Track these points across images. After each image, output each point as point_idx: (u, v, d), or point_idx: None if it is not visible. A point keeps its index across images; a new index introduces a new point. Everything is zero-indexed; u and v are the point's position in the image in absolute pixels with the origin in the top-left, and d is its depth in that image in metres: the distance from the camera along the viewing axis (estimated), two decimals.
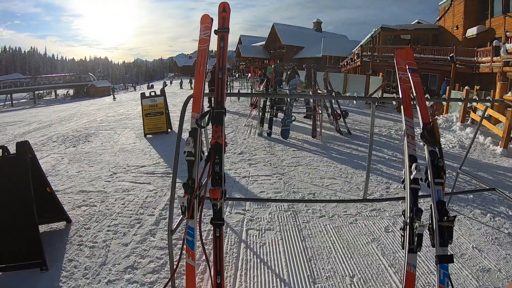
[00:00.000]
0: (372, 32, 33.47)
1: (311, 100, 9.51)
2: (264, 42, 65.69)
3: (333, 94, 9.48)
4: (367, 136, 8.57)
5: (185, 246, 2.68)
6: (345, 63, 39.09)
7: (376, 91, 17.20)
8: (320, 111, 8.81)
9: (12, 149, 3.49)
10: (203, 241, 2.74)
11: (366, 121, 10.93)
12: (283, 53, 58.08)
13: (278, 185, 5.22)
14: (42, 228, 3.94)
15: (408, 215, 2.59)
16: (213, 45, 2.94)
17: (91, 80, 45.07)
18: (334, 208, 4.42)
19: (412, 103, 3.10)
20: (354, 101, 3.08)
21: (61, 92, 47.22)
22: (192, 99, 2.78)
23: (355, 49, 36.12)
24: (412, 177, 2.68)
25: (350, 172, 5.82)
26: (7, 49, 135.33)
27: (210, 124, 2.74)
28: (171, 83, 54.50)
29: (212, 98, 2.78)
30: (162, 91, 9.69)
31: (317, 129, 8.46)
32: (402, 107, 3.08)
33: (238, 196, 4.84)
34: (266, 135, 8.60)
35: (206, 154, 2.72)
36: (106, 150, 7.77)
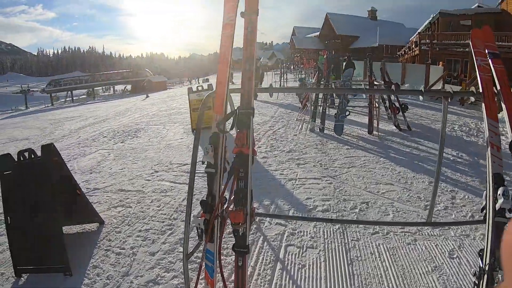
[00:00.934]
0: (430, 19, 30.93)
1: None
2: (318, 33, 64.05)
3: (392, 86, 8.70)
4: (429, 133, 7.59)
5: (203, 272, 2.30)
6: (403, 52, 36.87)
7: (437, 82, 15.76)
8: (377, 105, 7.98)
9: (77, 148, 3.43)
10: (223, 270, 2.23)
11: (426, 115, 9.83)
12: (338, 44, 56.29)
13: (328, 190, 4.59)
14: (75, 229, 3.98)
15: (488, 261, 1.90)
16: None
17: (147, 75, 46.46)
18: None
19: (495, 99, 2.34)
20: (421, 97, 2.46)
21: (119, 87, 49.22)
22: (213, 98, 2.32)
23: (413, 37, 33.92)
24: (497, 206, 1.96)
25: (409, 177, 5.01)
26: (67, 49, 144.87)
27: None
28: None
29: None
30: (210, 85, 9.34)
31: (374, 125, 7.62)
32: (483, 105, 2.31)
33: (282, 203, 4.29)
34: (318, 130, 7.89)
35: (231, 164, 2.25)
36: (152, 146, 7.65)
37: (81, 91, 46.16)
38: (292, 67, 32.17)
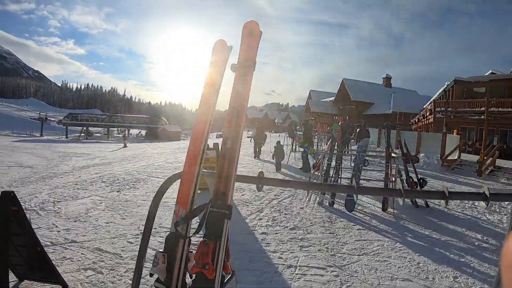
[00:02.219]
0: (445, 86, 30.74)
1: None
2: (333, 98, 64.83)
3: (410, 157, 8.03)
4: (449, 211, 6.74)
5: None
6: (416, 120, 36.48)
7: (453, 151, 15.01)
8: (393, 178, 7.22)
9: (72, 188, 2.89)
10: None
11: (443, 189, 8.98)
12: (352, 109, 56.63)
13: (333, 286, 3.75)
14: (36, 286, 3.55)
15: None
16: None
17: (163, 124, 46.92)
18: None
19: None
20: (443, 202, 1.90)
21: (134, 131, 49.70)
22: (178, 179, 1.73)
23: (427, 104, 33.67)
24: None
25: (431, 270, 4.16)
26: (90, 86, 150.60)
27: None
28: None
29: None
30: (216, 145, 8.70)
31: (389, 200, 6.81)
32: None
33: None
34: (327, 204, 7.09)
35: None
36: (147, 201, 7.01)
37: (96, 128, 46.81)
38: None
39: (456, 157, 14.70)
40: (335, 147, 8.33)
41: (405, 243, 5.07)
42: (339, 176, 7.56)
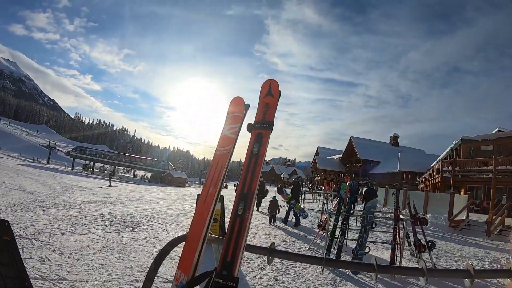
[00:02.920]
0: (452, 145, 30.70)
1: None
2: (340, 155, 65.11)
3: (418, 219, 7.75)
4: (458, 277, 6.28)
5: None
6: (423, 179, 36.08)
7: (461, 211, 14.60)
8: (400, 242, 6.94)
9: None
10: None
11: (452, 250, 8.61)
12: (359, 167, 56.63)
13: None
14: None
15: None
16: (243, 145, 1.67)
17: (169, 168, 47.05)
18: None
19: None
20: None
21: (140, 173, 49.75)
22: (182, 242, 1.59)
23: (434, 163, 33.42)
24: None
25: None
26: (102, 123, 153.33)
27: None
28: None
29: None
30: (222, 197, 8.52)
31: (396, 263, 6.50)
32: None
33: None
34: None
35: None
36: (145, 247, 6.76)
37: (103, 165, 46.97)
38: (311, 187, 31.51)
39: (464, 217, 14.30)
40: (342, 207, 8.13)
41: None
42: (345, 237, 7.30)
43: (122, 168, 48.99)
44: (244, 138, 1.61)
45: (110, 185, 20.25)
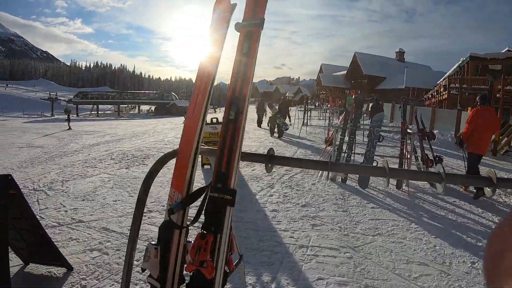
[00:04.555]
0: (460, 62, 29.82)
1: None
2: (345, 72, 63.61)
3: (426, 133, 7.69)
4: (466, 192, 6.38)
5: None
6: (430, 96, 35.56)
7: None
8: (408, 155, 6.94)
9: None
10: None
11: (458, 167, 8.66)
12: (364, 84, 55.55)
13: (346, 269, 3.54)
14: (42, 269, 3.46)
15: None
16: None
17: (173, 99, 46.54)
18: None
19: None
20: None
21: (144, 107, 49.53)
22: (173, 158, 1.56)
23: (441, 80, 32.71)
24: None
25: (448, 254, 3.90)
26: (99, 64, 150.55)
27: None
28: (215, 110, 45.86)
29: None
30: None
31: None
32: None
33: (285, 282, 3.29)
34: (340, 181, 6.85)
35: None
36: (156, 178, 6.71)
37: (107, 106, 46.69)
38: (317, 104, 31.39)
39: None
40: (349, 121, 8.04)
41: (421, 224, 4.81)
42: (353, 151, 7.30)
43: (126, 105, 48.75)
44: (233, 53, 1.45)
45: (69, 128, 17.14)
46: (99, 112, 41.21)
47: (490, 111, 6.80)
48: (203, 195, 1.37)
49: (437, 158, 7.42)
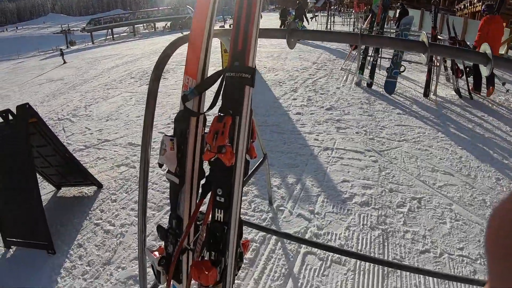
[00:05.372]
0: None
1: None
2: None
3: (457, 41, 7.23)
4: (495, 106, 5.98)
5: None
6: (462, 7, 32.92)
7: (502, 44, 13.52)
8: (437, 63, 6.61)
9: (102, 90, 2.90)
10: None
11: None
12: None
13: (371, 172, 3.57)
14: (73, 191, 3.64)
15: None
16: None
17: (189, 12, 44.52)
18: (447, 242, 2.72)
19: None
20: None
21: (160, 25, 47.96)
22: (185, 43, 1.47)
23: None
24: None
25: (473, 167, 3.78)
26: None
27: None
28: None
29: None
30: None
31: (432, 86, 6.30)
32: None
33: (310, 184, 3.35)
34: (365, 85, 6.63)
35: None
36: (177, 90, 6.87)
37: (122, 28, 45.44)
38: (340, 10, 29.70)
39: (503, 51, 13.33)
40: (376, 24, 7.61)
41: (447, 133, 4.66)
42: (380, 55, 6.99)
43: (141, 25, 47.26)
44: None
45: (64, 62, 15.92)
46: (115, 35, 40.11)
47: (496, 20, 6.68)
48: (220, 78, 1.30)
49: (467, 69, 7.04)
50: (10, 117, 2.83)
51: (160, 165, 1.36)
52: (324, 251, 2.41)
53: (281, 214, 2.91)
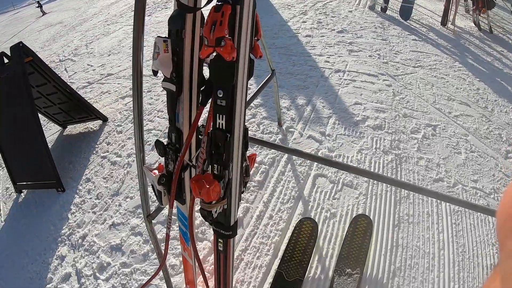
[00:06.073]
0: None
1: None
2: None
3: None
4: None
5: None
6: None
7: None
8: None
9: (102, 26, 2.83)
10: (201, 261, 1.15)
11: (509, 19, 7.33)
12: None
13: (385, 96, 3.24)
14: (78, 128, 3.53)
15: None
16: None
17: None
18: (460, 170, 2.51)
19: None
20: None
21: None
22: None
23: None
24: None
25: (491, 100, 3.48)
26: None
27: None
28: None
29: None
30: None
31: (450, 16, 5.73)
32: None
33: (321, 105, 3.07)
34: (380, 10, 5.96)
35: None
36: None
37: None
38: None
39: None
40: None
41: (465, 64, 4.24)
42: None
43: None
44: None
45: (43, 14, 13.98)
46: None
47: None
48: None
49: (490, 2, 6.34)
50: (5, 60, 2.70)
51: (155, 72, 1.07)
52: (336, 173, 2.21)
53: (291, 136, 2.67)
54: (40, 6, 14.91)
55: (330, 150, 2.48)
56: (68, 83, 4.18)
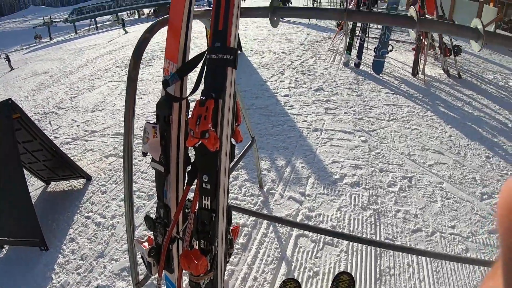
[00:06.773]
0: None
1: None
2: None
3: (445, 21, 7.19)
4: (483, 85, 5.95)
5: None
6: None
7: (488, 25, 13.50)
8: (426, 42, 6.56)
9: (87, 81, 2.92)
10: None
11: (476, 62, 7.95)
12: None
13: (361, 152, 3.56)
14: (62, 185, 3.64)
15: None
16: None
17: None
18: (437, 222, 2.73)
19: None
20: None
21: (146, 11, 46.87)
22: (164, 26, 1.38)
23: None
24: None
25: (463, 145, 3.81)
26: None
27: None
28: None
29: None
30: None
31: (420, 65, 6.27)
32: None
33: (300, 165, 3.34)
34: (353, 65, 6.55)
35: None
36: (162, 77, 6.65)
37: (105, 17, 44.24)
38: None
39: (491, 29, 13.33)
40: (363, 5, 7.50)
41: (437, 112, 4.66)
42: (367, 35, 6.92)
43: (125, 12, 46.05)
44: None
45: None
46: (98, 24, 39.21)
47: None
48: (201, 60, 1.24)
49: (455, 48, 7.00)
50: None
51: (144, 154, 1.31)
52: (316, 233, 2.41)
53: (272, 198, 2.90)
54: (8, 60, 15.42)
55: (310, 210, 2.70)
56: (52, 137, 4.34)
